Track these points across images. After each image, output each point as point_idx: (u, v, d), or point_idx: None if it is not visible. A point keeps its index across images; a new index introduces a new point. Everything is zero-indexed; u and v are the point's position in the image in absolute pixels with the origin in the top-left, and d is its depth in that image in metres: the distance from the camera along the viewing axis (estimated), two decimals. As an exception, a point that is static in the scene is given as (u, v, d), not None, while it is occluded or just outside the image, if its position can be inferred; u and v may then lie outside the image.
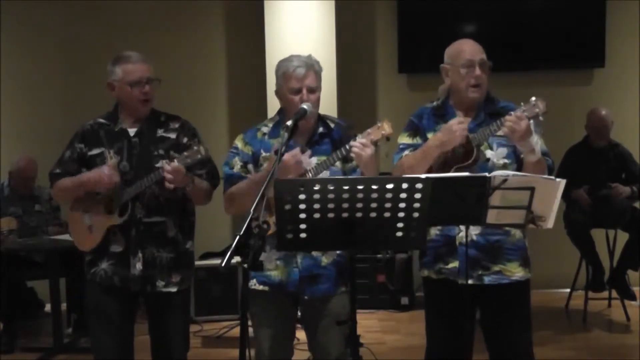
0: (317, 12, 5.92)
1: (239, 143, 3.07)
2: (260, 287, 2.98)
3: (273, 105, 5.78)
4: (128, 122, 3.18)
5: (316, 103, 2.96)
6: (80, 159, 3.18)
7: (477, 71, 2.95)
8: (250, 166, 3.00)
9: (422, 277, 3.10)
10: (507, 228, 2.94)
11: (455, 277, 2.95)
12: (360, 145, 2.79)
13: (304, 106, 2.88)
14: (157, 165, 3.05)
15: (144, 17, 6.39)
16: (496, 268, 2.96)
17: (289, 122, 2.83)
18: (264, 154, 2.98)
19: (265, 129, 3.05)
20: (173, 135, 3.17)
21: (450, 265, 2.96)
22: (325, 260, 2.97)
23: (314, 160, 2.94)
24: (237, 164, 3.03)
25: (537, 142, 2.87)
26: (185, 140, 3.16)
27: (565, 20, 6.32)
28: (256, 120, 5.83)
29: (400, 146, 3.09)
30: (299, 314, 3.11)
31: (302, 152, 2.87)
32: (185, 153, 2.98)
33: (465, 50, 3.00)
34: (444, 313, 3.04)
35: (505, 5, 6.33)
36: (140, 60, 3.13)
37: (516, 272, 2.99)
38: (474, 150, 2.90)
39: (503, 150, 2.96)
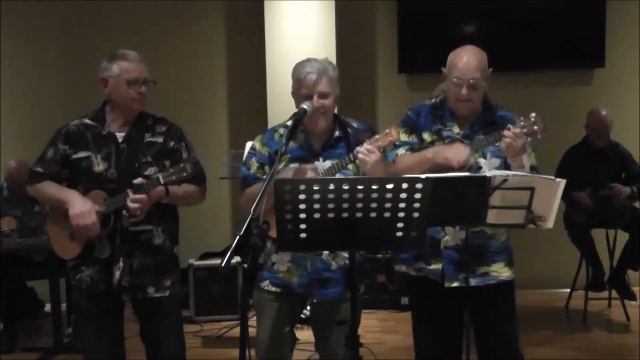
0: (317, 12, 5.92)
1: (257, 144, 3.07)
2: (273, 289, 3.00)
3: (273, 105, 5.82)
4: (116, 125, 3.10)
5: (331, 107, 2.96)
6: (63, 161, 3.10)
7: (464, 91, 2.93)
8: (266, 167, 3.01)
9: (399, 272, 3.12)
10: (490, 232, 2.97)
11: (437, 278, 2.97)
12: (366, 151, 2.80)
13: (304, 106, 2.89)
14: (146, 173, 3.01)
15: (144, 16, 6.39)
16: (482, 270, 2.99)
17: (289, 122, 2.85)
18: None
19: (282, 130, 3.03)
20: (160, 140, 3.12)
21: (433, 267, 2.98)
22: (335, 264, 2.98)
23: (328, 163, 2.95)
24: (254, 164, 3.04)
25: (527, 159, 2.89)
26: (172, 144, 3.12)
27: (565, 20, 6.32)
28: (256, 120, 5.92)
29: (396, 143, 3.08)
30: (306, 315, 3.13)
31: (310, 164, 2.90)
32: (171, 170, 2.92)
33: (458, 67, 2.95)
34: (430, 313, 3.05)
35: (505, 5, 6.33)
36: (138, 60, 3.07)
37: (503, 272, 3.02)
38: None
39: (496, 161, 2.97)
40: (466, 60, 2.95)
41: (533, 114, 2.83)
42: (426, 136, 3.04)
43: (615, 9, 6.32)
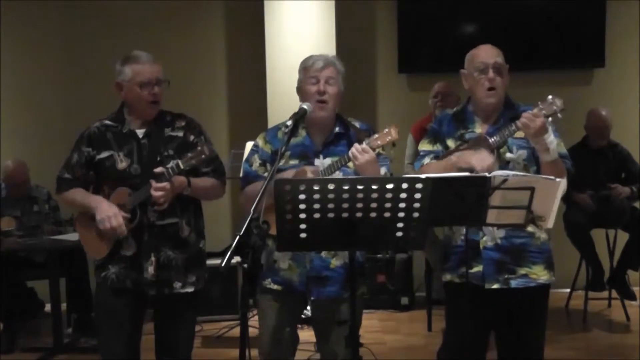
0: (317, 12, 5.92)
1: (260, 141, 3.09)
2: (275, 287, 3.01)
3: (273, 105, 5.82)
4: (135, 123, 3.14)
5: (334, 96, 2.98)
6: (88, 163, 3.14)
7: (491, 74, 2.95)
8: (268, 165, 3.02)
9: (444, 282, 3.09)
10: (530, 230, 2.94)
11: (479, 281, 2.94)
12: (360, 149, 2.81)
13: (304, 106, 2.90)
14: (169, 165, 3.01)
15: (144, 17, 6.39)
16: (522, 271, 2.96)
17: (289, 122, 2.85)
18: None
19: (285, 129, 3.02)
20: (180, 134, 3.15)
21: (475, 270, 2.95)
22: (334, 262, 2.98)
23: (328, 161, 2.96)
24: (256, 161, 3.06)
25: (552, 141, 2.88)
26: (192, 138, 3.15)
27: (565, 20, 6.32)
28: (256, 120, 5.92)
29: (421, 153, 3.10)
30: (309, 314, 3.14)
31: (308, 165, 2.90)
32: (189, 154, 2.97)
33: (480, 55, 3.00)
34: (468, 317, 3.01)
35: (505, 5, 6.33)
36: (150, 61, 3.10)
37: (542, 275, 2.99)
38: (494, 153, 2.91)
39: (523, 153, 2.97)
40: (486, 48, 3.02)
41: (550, 96, 2.84)
42: (450, 142, 3.04)
43: (615, 9, 6.32)
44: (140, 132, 3.12)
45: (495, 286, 2.93)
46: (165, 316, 3.20)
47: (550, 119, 2.83)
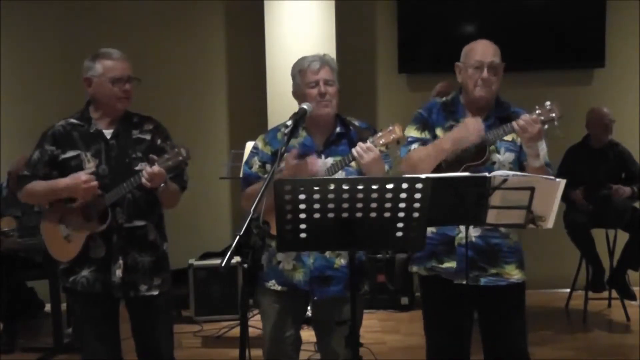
0: (317, 12, 5.91)
1: (259, 143, 3.08)
2: (280, 288, 3.00)
3: (273, 105, 5.82)
4: (103, 123, 3.10)
5: (334, 97, 2.98)
6: (51, 162, 3.07)
7: (485, 74, 2.95)
8: (268, 166, 3.01)
9: (411, 273, 3.13)
10: (504, 230, 2.95)
11: (450, 276, 2.96)
12: (365, 147, 2.80)
13: (304, 106, 2.90)
14: (137, 168, 2.99)
15: (144, 17, 6.38)
16: (493, 270, 2.98)
17: (289, 122, 2.85)
18: None
19: (285, 129, 3.02)
20: (148, 137, 3.12)
21: (446, 265, 2.97)
22: (339, 262, 2.98)
23: (330, 160, 2.95)
24: (256, 163, 3.06)
25: (543, 148, 2.89)
26: (159, 141, 3.11)
27: (565, 20, 6.32)
28: (256, 120, 5.92)
29: (409, 139, 3.07)
30: (309, 314, 3.14)
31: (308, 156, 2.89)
32: (166, 155, 2.92)
33: (477, 51, 2.99)
34: (441, 312, 3.05)
35: (505, 5, 6.33)
36: (121, 58, 3.08)
37: (514, 274, 3.00)
38: (486, 149, 2.90)
39: (510, 156, 2.97)
40: (485, 45, 3.01)
41: (548, 102, 2.84)
42: (439, 132, 3.04)
43: (615, 9, 6.32)
44: (107, 133, 3.08)
45: (464, 282, 2.91)
46: (140, 319, 3.18)
47: (546, 125, 2.83)
